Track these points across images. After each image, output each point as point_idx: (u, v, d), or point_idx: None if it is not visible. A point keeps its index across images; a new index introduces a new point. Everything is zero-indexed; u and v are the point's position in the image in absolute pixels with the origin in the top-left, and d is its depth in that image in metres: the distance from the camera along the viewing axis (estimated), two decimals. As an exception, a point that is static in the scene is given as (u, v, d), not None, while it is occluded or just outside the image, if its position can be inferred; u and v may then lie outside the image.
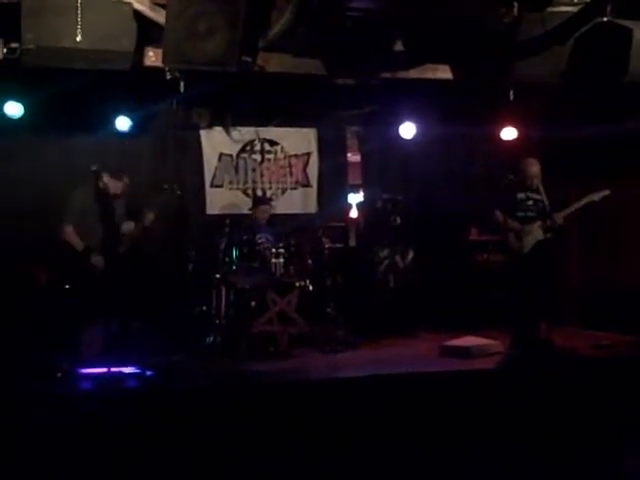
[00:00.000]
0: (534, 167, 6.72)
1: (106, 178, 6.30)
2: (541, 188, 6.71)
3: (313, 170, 8.59)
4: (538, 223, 6.62)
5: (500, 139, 8.22)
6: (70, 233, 6.22)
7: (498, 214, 6.76)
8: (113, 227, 6.33)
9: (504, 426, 5.21)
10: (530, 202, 6.70)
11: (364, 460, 4.77)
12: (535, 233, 6.61)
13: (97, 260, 6.19)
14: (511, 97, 6.39)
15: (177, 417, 4.95)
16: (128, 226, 6.41)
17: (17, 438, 4.61)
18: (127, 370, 5.82)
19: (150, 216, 6.39)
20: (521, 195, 6.71)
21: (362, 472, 4.66)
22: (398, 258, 8.11)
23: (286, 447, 4.85)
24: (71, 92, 6.06)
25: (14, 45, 5.34)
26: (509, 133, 8.20)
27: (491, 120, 8.04)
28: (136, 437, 4.72)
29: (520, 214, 6.68)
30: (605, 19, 5.40)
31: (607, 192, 6.59)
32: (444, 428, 5.16)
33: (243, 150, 8.37)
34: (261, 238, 7.18)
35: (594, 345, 6.75)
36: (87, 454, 4.57)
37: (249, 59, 5.83)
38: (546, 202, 6.68)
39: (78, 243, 6.20)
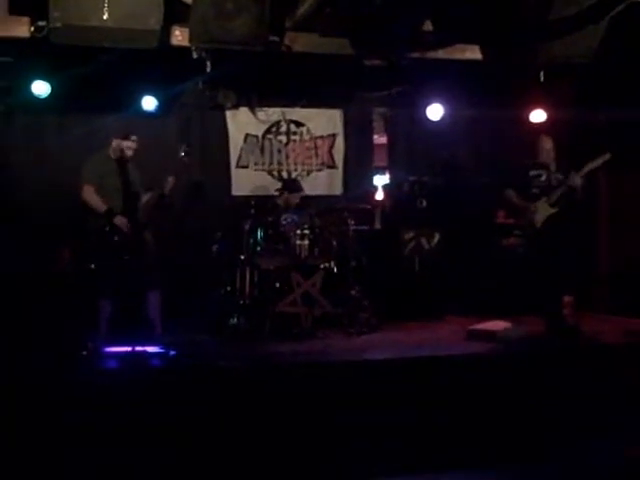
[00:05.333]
0: (547, 143, 6.69)
1: (115, 142, 6.26)
2: (553, 165, 6.66)
3: (339, 151, 8.54)
4: (544, 199, 6.59)
5: (529, 121, 8.09)
6: (90, 192, 6.12)
7: (510, 192, 6.77)
8: (131, 194, 6.24)
9: (530, 410, 5.17)
10: (543, 178, 6.66)
11: (386, 441, 4.77)
12: (543, 209, 6.58)
13: (121, 221, 6.06)
14: (541, 78, 6.29)
15: (200, 397, 4.96)
16: (147, 195, 6.34)
17: (42, 416, 4.65)
18: (151, 349, 5.86)
19: (170, 181, 6.29)
20: (533, 172, 6.68)
21: (385, 453, 4.65)
22: (424, 241, 8.06)
23: (308, 428, 4.85)
24: (98, 71, 6.05)
25: (41, 24, 5.36)
26: (538, 115, 8.07)
27: (520, 102, 7.91)
28: (159, 416, 4.74)
29: (535, 190, 6.67)
30: (640, -1, 5.28)
31: (607, 156, 6.50)
32: (469, 411, 5.14)
33: (269, 131, 8.33)
34: (286, 219, 7.15)
35: (624, 331, 6.67)
36: (110, 432, 4.60)
37: (276, 39, 5.81)
38: (552, 178, 6.63)
39: (99, 204, 6.08)
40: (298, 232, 6.98)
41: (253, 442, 4.71)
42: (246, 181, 8.22)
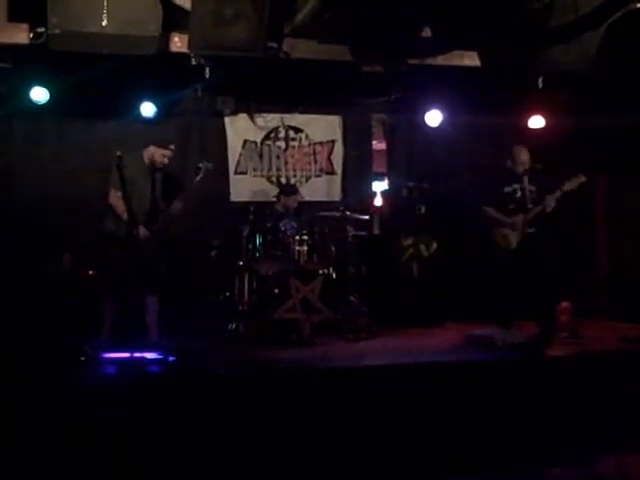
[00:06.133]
0: (523, 154, 6.67)
1: (152, 149, 6.22)
2: (526, 178, 6.63)
3: (338, 157, 8.54)
4: (520, 217, 6.57)
5: (528, 128, 8.10)
6: (116, 198, 6.02)
7: (488, 209, 6.74)
8: (155, 203, 6.20)
9: (528, 415, 5.17)
10: (518, 194, 6.66)
11: (385, 447, 4.76)
12: (520, 227, 6.57)
13: (143, 233, 5.99)
14: (540, 85, 6.30)
15: (198, 403, 4.95)
16: (175, 205, 6.27)
17: (39, 421, 4.64)
18: (150, 355, 5.85)
19: (178, 205, 6.27)
20: (508, 188, 6.68)
21: (384, 459, 4.64)
22: (422, 247, 8.06)
23: (307, 434, 4.85)
24: (96, 77, 6.06)
25: (40, 30, 5.37)
26: (537, 122, 8.08)
27: (519, 108, 7.93)
28: (157, 422, 4.74)
29: (511, 207, 6.66)
30: (638, 5, 5.29)
31: (583, 179, 6.49)
32: (468, 417, 5.13)
33: (267, 137, 8.34)
34: (285, 225, 7.15)
35: (621, 337, 6.67)
36: (108, 438, 4.59)
37: (275, 45, 5.81)
38: (527, 194, 6.60)
39: (122, 210, 5.95)
40: (297, 238, 6.98)
41: (252, 448, 4.70)
42: (245, 187, 8.22)
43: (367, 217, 7.90)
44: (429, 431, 4.97)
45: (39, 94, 6.90)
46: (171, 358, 5.84)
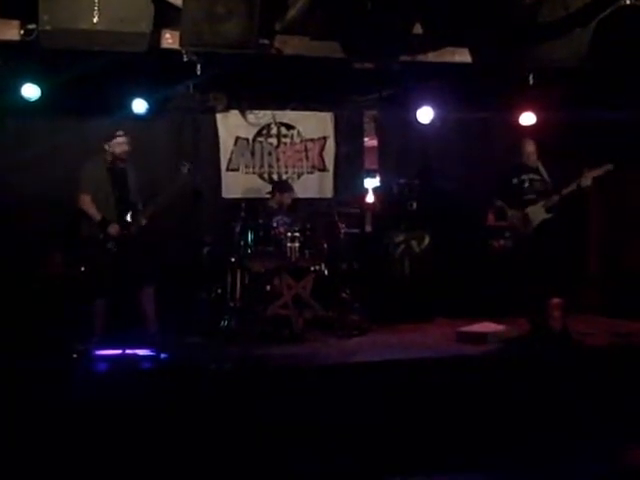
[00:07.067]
0: (530, 146, 6.76)
1: (107, 145, 6.29)
2: (541, 168, 6.73)
3: (329, 154, 8.54)
4: (540, 203, 6.63)
5: (519, 124, 8.13)
6: (88, 202, 6.19)
7: (498, 202, 6.81)
8: (128, 200, 6.29)
9: (519, 413, 5.19)
10: (528, 184, 6.72)
11: (376, 443, 4.77)
12: (538, 214, 6.61)
13: (114, 229, 6.12)
14: (531, 81, 6.33)
15: (191, 400, 4.96)
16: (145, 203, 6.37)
17: (32, 418, 4.64)
18: (142, 352, 5.86)
19: (150, 209, 6.31)
20: (515, 180, 6.76)
21: (375, 455, 4.65)
22: (414, 243, 8.07)
23: (299, 430, 4.86)
24: (88, 74, 6.05)
25: (31, 27, 5.35)
26: (528, 118, 8.10)
27: (510, 105, 7.95)
28: (149, 419, 4.74)
29: (526, 197, 6.73)
30: (628, 2, 5.32)
31: (610, 167, 6.55)
32: (460, 413, 5.15)
33: (259, 134, 8.34)
34: (277, 222, 7.16)
35: (613, 333, 6.70)
36: (100, 435, 4.59)
37: (266, 42, 5.82)
38: (548, 181, 6.70)
39: (95, 212, 6.16)
40: (289, 234, 6.98)
41: (244, 445, 4.71)
42: (236, 184, 8.21)
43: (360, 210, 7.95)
44: (421, 426, 4.99)
45: (30, 91, 6.88)
46: (163, 355, 5.84)
